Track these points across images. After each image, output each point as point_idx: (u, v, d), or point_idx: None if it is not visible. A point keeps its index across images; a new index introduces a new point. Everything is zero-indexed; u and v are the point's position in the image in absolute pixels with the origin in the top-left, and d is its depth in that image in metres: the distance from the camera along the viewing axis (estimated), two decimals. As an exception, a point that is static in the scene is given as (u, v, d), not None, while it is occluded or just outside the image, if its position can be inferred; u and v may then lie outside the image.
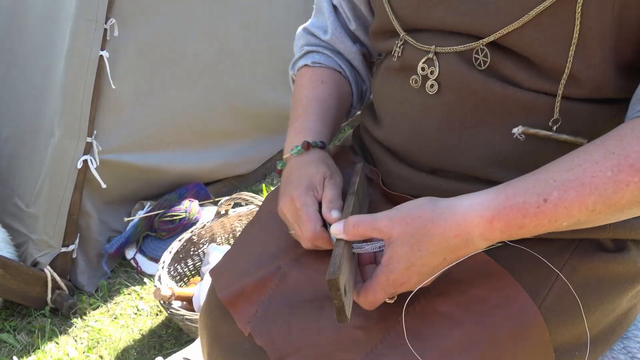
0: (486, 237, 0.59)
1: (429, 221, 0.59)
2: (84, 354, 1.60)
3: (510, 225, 0.58)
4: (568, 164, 0.58)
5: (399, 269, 0.61)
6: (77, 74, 1.66)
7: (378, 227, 0.61)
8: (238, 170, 2.19)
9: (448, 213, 0.59)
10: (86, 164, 1.72)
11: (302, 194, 0.73)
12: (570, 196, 0.57)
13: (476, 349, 0.63)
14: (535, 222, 0.58)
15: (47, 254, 1.72)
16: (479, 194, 0.60)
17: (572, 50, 0.63)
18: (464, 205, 0.59)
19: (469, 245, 0.60)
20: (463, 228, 0.59)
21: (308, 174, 0.76)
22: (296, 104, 0.89)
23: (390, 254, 0.61)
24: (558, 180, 0.57)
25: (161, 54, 1.86)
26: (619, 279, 0.71)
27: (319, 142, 0.81)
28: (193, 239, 1.77)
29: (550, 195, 0.57)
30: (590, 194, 0.56)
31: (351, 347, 0.66)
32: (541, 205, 0.57)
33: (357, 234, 0.63)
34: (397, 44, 0.77)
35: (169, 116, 1.94)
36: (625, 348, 0.78)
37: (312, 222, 0.72)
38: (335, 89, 0.89)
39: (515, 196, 0.58)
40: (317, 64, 0.90)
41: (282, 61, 2.22)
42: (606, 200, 0.56)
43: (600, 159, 0.57)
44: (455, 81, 0.70)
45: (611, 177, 0.56)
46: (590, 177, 0.56)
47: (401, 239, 0.60)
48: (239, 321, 0.75)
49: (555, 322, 0.67)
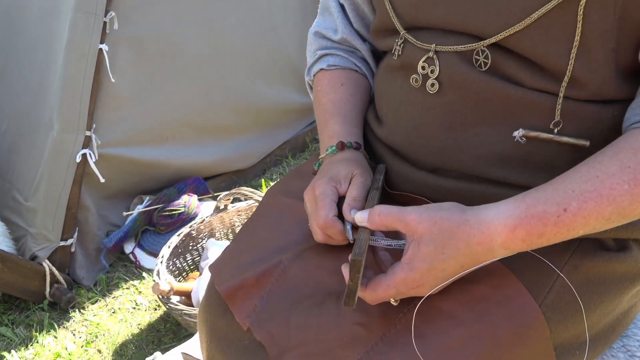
0: (507, 246, 0.61)
1: (456, 225, 0.60)
2: (82, 348, 1.60)
3: (531, 234, 0.60)
4: (585, 174, 0.60)
5: (421, 269, 0.61)
6: (76, 67, 1.65)
7: (405, 219, 0.61)
8: (237, 165, 2.19)
9: (474, 220, 0.60)
10: (85, 157, 1.72)
11: (323, 183, 0.73)
12: (589, 206, 0.59)
13: (477, 347, 0.63)
14: (555, 231, 0.60)
15: (45, 247, 1.71)
16: (499, 204, 0.61)
17: (573, 53, 0.63)
18: (488, 215, 0.60)
19: (488, 254, 0.61)
20: (487, 236, 0.60)
21: (336, 168, 0.76)
22: (320, 110, 0.89)
23: (414, 251, 0.61)
24: (577, 191, 0.59)
25: (160, 48, 1.86)
26: (620, 278, 0.71)
27: (353, 143, 0.81)
28: (192, 233, 1.77)
29: (569, 205, 0.59)
30: (608, 205, 0.59)
31: (351, 343, 0.66)
32: (561, 214, 0.59)
33: (382, 224, 0.63)
34: (397, 42, 0.76)
35: (169, 110, 1.94)
36: (624, 346, 0.78)
37: (326, 210, 0.71)
38: (356, 88, 0.89)
39: (535, 206, 0.60)
40: (333, 67, 0.90)
41: (281, 56, 2.22)
42: (622, 211, 0.59)
43: (616, 171, 0.59)
44: (456, 81, 0.70)
45: (628, 190, 0.58)
46: (608, 189, 0.59)
47: (427, 237, 0.60)
48: (237, 315, 0.74)
49: (556, 321, 0.66)
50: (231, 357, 0.75)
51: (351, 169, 0.76)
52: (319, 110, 0.90)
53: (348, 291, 0.61)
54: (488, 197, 0.71)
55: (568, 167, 0.66)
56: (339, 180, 0.74)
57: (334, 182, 0.74)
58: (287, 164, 2.33)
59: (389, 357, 0.64)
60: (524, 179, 0.70)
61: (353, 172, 0.76)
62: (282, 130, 2.31)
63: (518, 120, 0.68)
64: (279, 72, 2.21)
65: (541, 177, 0.69)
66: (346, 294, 0.61)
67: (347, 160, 0.78)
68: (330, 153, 0.81)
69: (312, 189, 0.75)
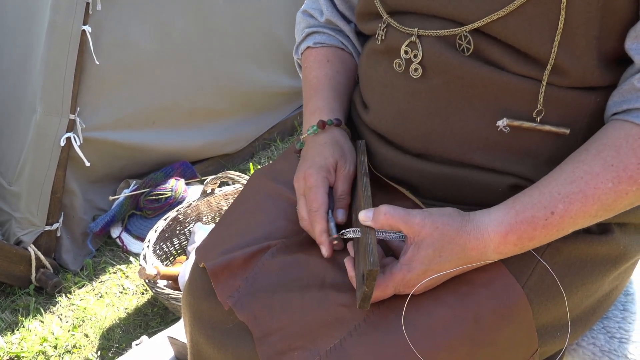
0: (500, 251, 0.64)
1: (455, 231, 0.63)
2: (69, 332, 1.59)
3: (522, 239, 0.63)
4: (570, 175, 0.62)
5: (418, 270, 0.64)
6: (59, 49, 1.62)
7: (411, 223, 0.64)
8: (225, 149, 2.17)
9: (470, 227, 0.64)
10: (69, 141, 1.70)
11: (314, 173, 0.75)
12: (575, 207, 0.62)
13: (461, 327, 0.64)
14: (545, 233, 0.63)
15: (30, 232, 1.70)
16: (491, 211, 0.64)
17: (556, 40, 0.63)
18: (483, 222, 0.64)
19: (481, 258, 0.64)
20: (481, 242, 0.63)
21: (322, 154, 0.77)
22: (307, 86, 0.89)
23: (414, 253, 0.64)
24: (562, 193, 0.62)
25: (146, 30, 1.83)
26: (601, 261, 0.72)
27: (334, 120, 0.81)
28: (179, 217, 1.76)
29: (556, 208, 0.62)
30: (593, 204, 0.61)
31: (334, 324, 0.67)
32: (549, 217, 0.62)
33: (387, 224, 0.65)
34: (380, 26, 0.76)
35: (155, 94, 1.91)
36: (604, 328, 0.79)
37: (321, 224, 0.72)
38: (342, 65, 0.89)
39: (524, 211, 0.63)
40: (320, 44, 0.91)
41: (270, 39, 2.19)
42: (607, 207, 0.62)
43: (600, 171, 0.61)
44: (439, 65, 0.70)
45: (612, 188, 0.61)
46: (593, 189, 0.61)
47: (428, 240, 0.63)
48: (220, 294, 0.74)
49: (538, 303, 0.67)
50: (215, 340, 0.75)
51: (335, 157, 0.77)
52: (305, 87, 0.90)
53: (364, 296, 0.63)
54: (472, 182, 0.71)
55: (551, 154, 0.67)
56: (329, 170, 0.76)
57: (325, 171, 0.75)
58: (276, 147, 2.32)
59: (373, 338, 0.65)
60: (508, 166, 0.70)
61: (337, 162, 0.77)
62: (271, 113, 2.29)
63: (502, 107, 0.68)
64: (267, 55, 2.18)
65: (525, 164, 0.69)
66: (362, 298, 0.63)
67: (329, 144, 0.79)
68: (311, 133, 0.81)
69: (302, 177, 0.76)
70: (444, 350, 0.63)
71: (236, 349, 0.71)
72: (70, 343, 1.56)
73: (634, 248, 0.74)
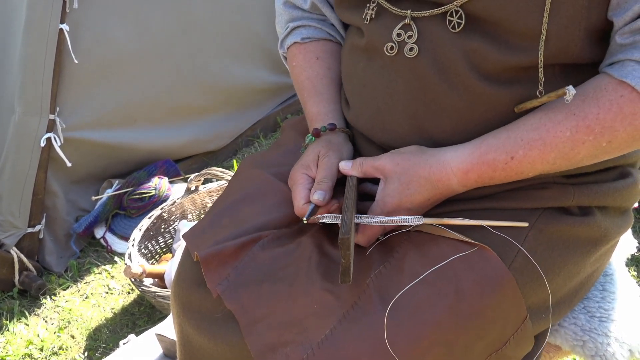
0: (464, 185, 0.70)
1: (415, 164, 0.70)
2: (55, 334, 1.58)
3: (482, 177, 0.68)
4: (536, 122, 0.65)
5: (392, 204, 0.71)
6: (36, 47, 1.60)
7: (377, 164, 0.72)
8: (208, 147, 2.16)
9: (432, 160, 0.69)
10: (50, 142, 1.67)
11: (295, 171, 0.79)
12: (534, 154, 0.65)
13: (443, 302, 0.66)
14: (504, 175, 0.68)
15: (12, 234, 1.67)
16: (457, 148, 0.69)
17: (546, 10, 0.63)
18: (445, 157, 0.69)
19: (449, 190, 0.70)
20: (444, 175, 0.69)
21: (307, 153, 0.80)
22: (299, 88, 0.89)
23: (382, 188, 0.72)
24: (525, 139, 0.65)
25: (125, 27, 1.81)
26: (583, 242, 0.73)
27: (327, 126, 0.82)
28: (163, 216, 1.75)
29: (516, 154, 0.66)
30: (550, 151, 0.65)
31: (323, 312, 0.67)
32: (509, 162, 0.66)
33: (361, 172, 0.74)
34: (368, 6, 0.75)
35: (136, 91, 1.90)
36: (585, 308, 0.81)
37: (298, 200, 0.76)
38: (332, 59, 0.89)
39: (487, 153, 0.67)
40: (307, 39, 0.89)
41: (250, 35, 2.19)
42: (564, 155, 0.65)
43: (562, 119, 0.63)
44: (433, 44, 0.70)
45: (569, 137, 0.63)
46: (552, 137, 0.64)
47: (392, 175, 0.71)
48: (209, 282, 0.74)
49: (522, 284, 0.69)
50: (204, 330, 0.75)
51: (317, 150, 0.78)
52: (297, 88, 0.90)
53: (342, 269, 0.64)
54: None
55: None
56: (309, 166, 0.77)
57: (304, 168, 0.77)
58: (259, 144, 2.32)
59: (362, 324, 0.65)
60: None
61: (318, 153, 0.78)
62: (253, 110, 2.29)
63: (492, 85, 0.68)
64: (248, 51, 2.17)
65: None
66: (341, 271, 0.65)
67: (319, 141, 0.81)
68: (309, 142, 0.83)
69: (289, 177, 0.79)
70: (431, 326, 0.64)
71: (226, 338, 0.72)
72: (56, 345, 1.55)
73: (614, 230, 0.76)
